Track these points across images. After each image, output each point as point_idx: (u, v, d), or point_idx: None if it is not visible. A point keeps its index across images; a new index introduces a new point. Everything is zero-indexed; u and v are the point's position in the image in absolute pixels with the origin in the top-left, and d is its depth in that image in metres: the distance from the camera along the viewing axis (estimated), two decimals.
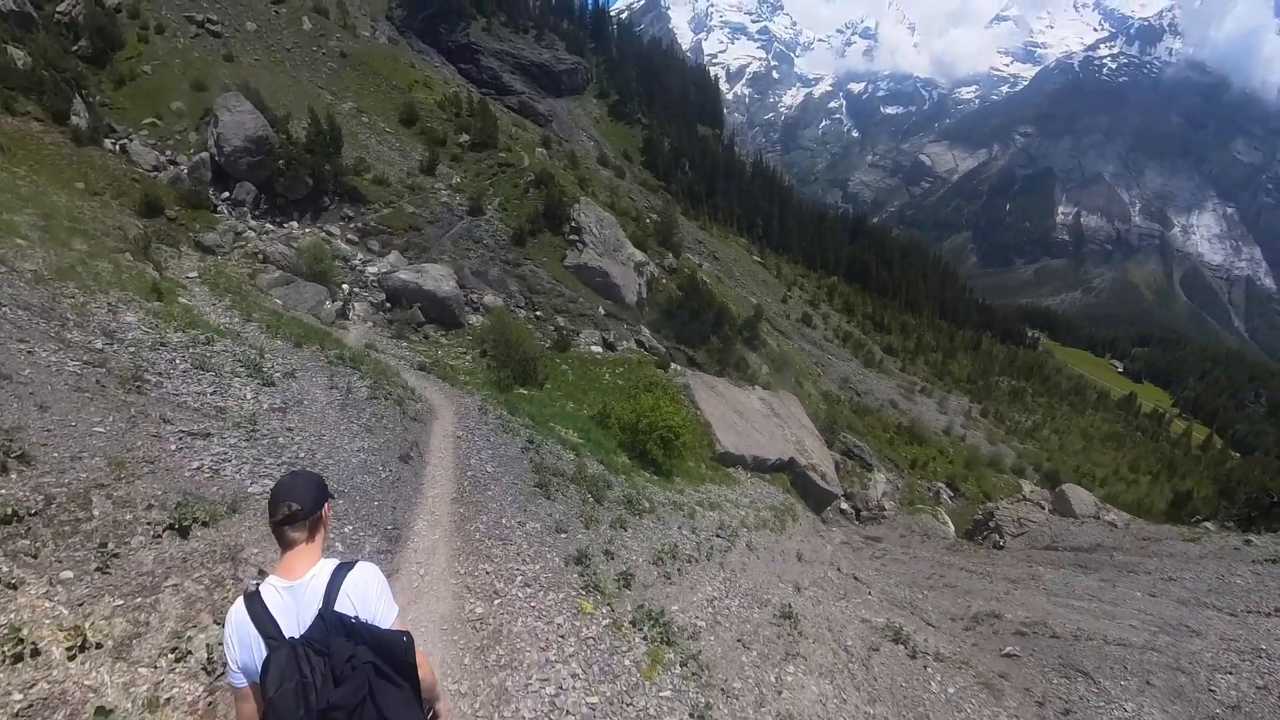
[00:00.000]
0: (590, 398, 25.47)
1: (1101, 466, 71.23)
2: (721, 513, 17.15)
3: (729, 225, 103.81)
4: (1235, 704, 11.29)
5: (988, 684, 11.07)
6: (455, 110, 54.50)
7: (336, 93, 50.01)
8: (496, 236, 38.66)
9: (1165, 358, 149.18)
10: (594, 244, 41.95)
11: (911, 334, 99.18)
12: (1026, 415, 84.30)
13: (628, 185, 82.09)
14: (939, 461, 55.34)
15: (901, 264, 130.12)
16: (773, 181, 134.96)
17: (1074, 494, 34.73)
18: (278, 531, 2.93)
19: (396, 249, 35.11)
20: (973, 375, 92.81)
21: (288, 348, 14.66)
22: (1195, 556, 21.84)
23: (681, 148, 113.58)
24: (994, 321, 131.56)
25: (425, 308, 30.38)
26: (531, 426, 15.87)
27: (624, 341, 35.87)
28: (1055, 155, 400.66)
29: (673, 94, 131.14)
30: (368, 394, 13.45)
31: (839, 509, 34.44)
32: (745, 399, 32.47)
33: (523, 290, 36.31)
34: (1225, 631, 15.10)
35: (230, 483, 7.69)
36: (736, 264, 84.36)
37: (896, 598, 17.09)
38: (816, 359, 68.64)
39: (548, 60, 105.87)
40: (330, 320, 25.22)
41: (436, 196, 39.93)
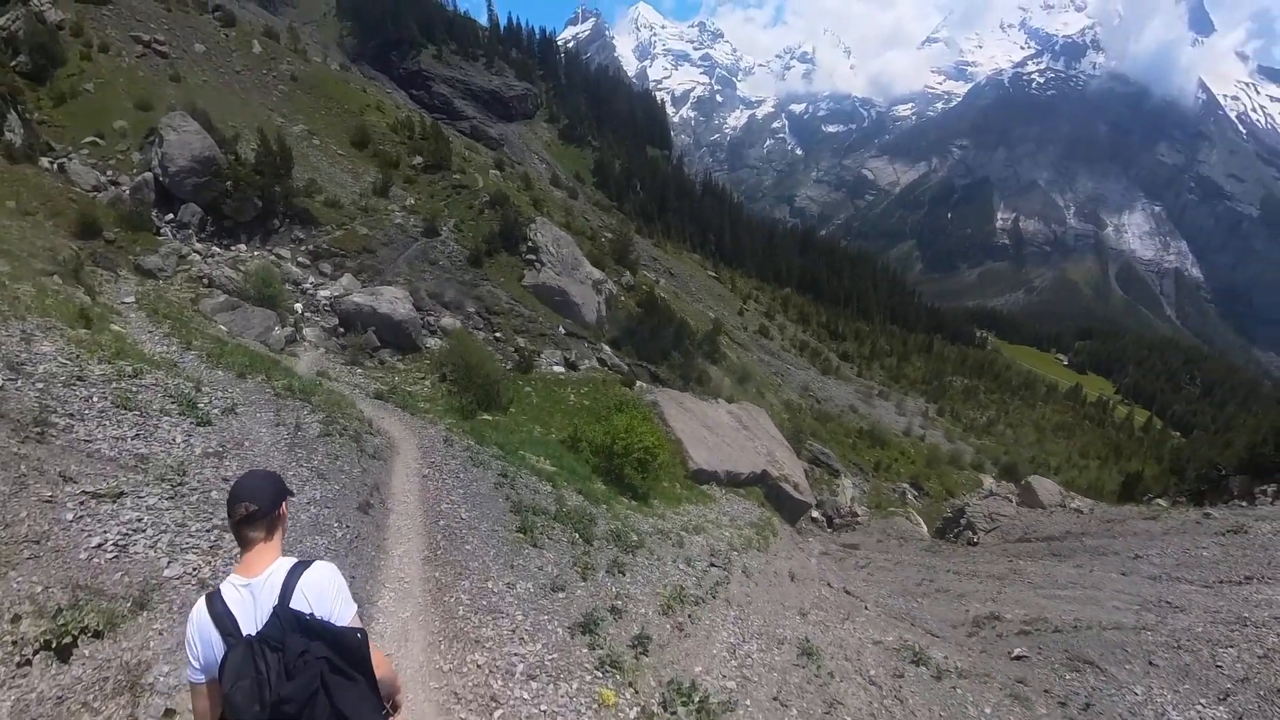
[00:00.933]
0: (557, 420, 24.19)
1: (1055, 455, 72.26)
2: (707, 536, 16.04)
3: (682, 242, 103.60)
4: (1244, 677, 11.18)
5: (1016, 695, 10.76)
6: (408, 133, 53.02)
7: (287, 115, 48.28)
8: (453, 257, 37.21)
9: (1106, 349, 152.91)
10: (552, 263, 40.97)
11: (866, 340, 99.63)
12: (981, 412, 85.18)
13: (581, 205, 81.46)
14: (901, 462, 55.40)
15: (851, 274, 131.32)
16: (722, 199, 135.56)
17: (1040, 485, 34.62)
18: (236, 531, 2.95)
19: (350, 272, 33.48)
20: (927, 376, 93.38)
21: (230, 379, 12.98)
22: (1159, 534, 22.74)
23: (632, 168, 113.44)
24: (943, 324, 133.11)
25: (380, 332, 28.70)
26: (502, 457, 14.31)
27: (586, 360, 34.74)
28: (991, 165, 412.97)
29: (621, 117, 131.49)
30: (320, 430, 11.84)
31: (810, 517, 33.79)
32: (714, 413, 31.50)
33: (481, 311, 34.90)
34: (1206, 604, 15.44)
35: (140, 564, 5.97)
36: (692, 279, 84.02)
37: (893, 609, 16.61)
38: (776, 369, 68.32)
39: (498, 86, 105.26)
40: (279, 347, 23.57)
41: (390, 218, 38.43)
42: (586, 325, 39.26)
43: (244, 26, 61.61)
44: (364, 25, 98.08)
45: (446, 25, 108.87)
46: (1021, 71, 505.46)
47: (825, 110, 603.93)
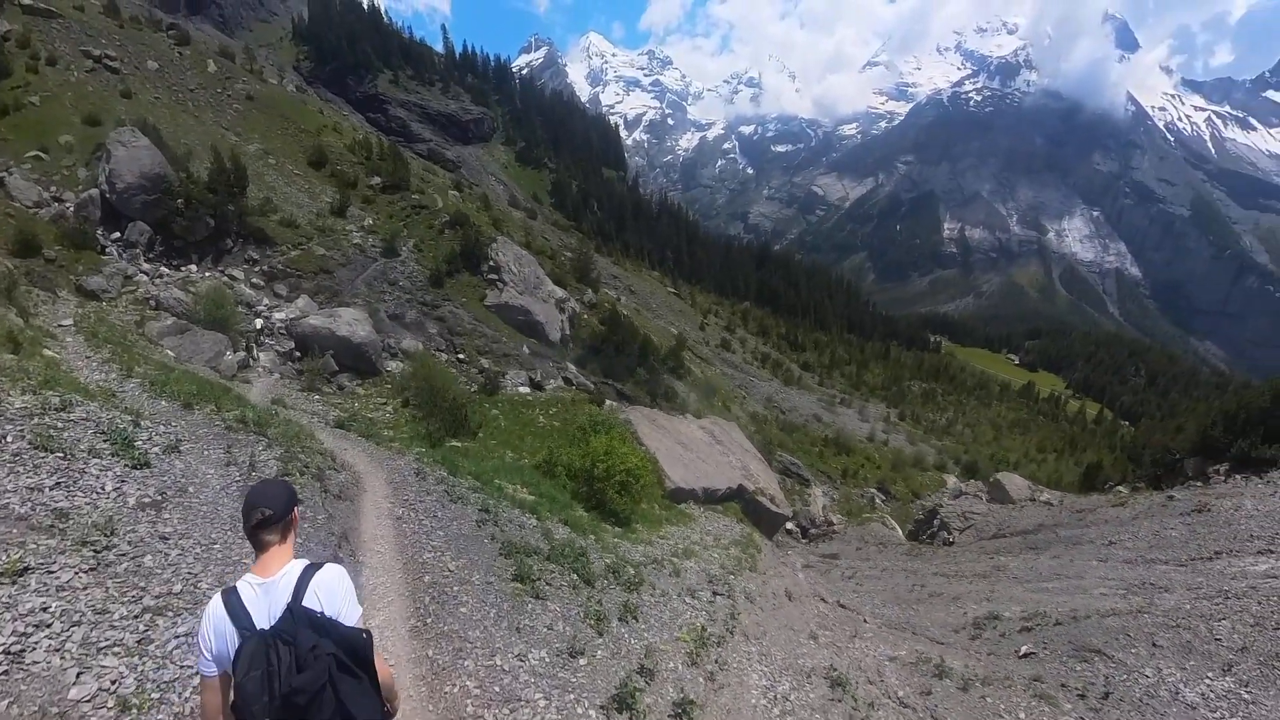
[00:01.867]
0: (528, 444, 22.87)
1: (1013, 451, 73.19)
2: (698, 560, 15.05)
3: (641, 260, 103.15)
4: (1242, 646, 11.46)
5: (1041, 695, 10.61)
6: (366, 153, 51.44)
7: (242, 134, 46.56)
8: (413, 278, 35.83)
9: (1054, 347, 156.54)
10: (514, 282, 39.98)
11: (825, 350, 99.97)
12: (940, 414, 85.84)
13: (540, 225, 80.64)
14: (868, 468, 55.45)
15: (807, 286, 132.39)
16: (678, 217, 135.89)
17: (1009, 481, 34.57)
18: (252, 536, 3.07)
19: (306, 293, 31.80)
20: (886, 382, 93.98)
21: (174, 410, 11.41)
22: (1128, 519, 23.27)
23: (589, 189, 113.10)
24: (898, 331, 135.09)
25: (339, 355, 27.15)
26: (479, 489, 12.87)
27: (552, 380, 33.60)
28: (936, 179, 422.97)
29: (577, 140, 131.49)
30: (278, 468, 10.25)
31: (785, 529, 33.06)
32: (687, 429, 30.56)
33: (443, 332, 33.53)
34: (1186, 582, 15.89)
35: (38, 679, 4.47)
36: (653, 296, 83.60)
37: (891, 620, 16.21)
38: (740, 382, 68.01)
39: (455, 110, 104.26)
40: (231, 373, 22.01)
41: (348, 238, 36.93)
42: (551, 344, 38.26)
43: (199, 45, 59.88)
44: (320, 50, 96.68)
45: (403, 51, 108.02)
46: (960, 91, 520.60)
47: (773, 131, 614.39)
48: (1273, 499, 20.89)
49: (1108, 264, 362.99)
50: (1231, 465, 26.08)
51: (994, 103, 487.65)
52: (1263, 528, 18.56)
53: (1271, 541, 17.47)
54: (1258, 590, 14.06)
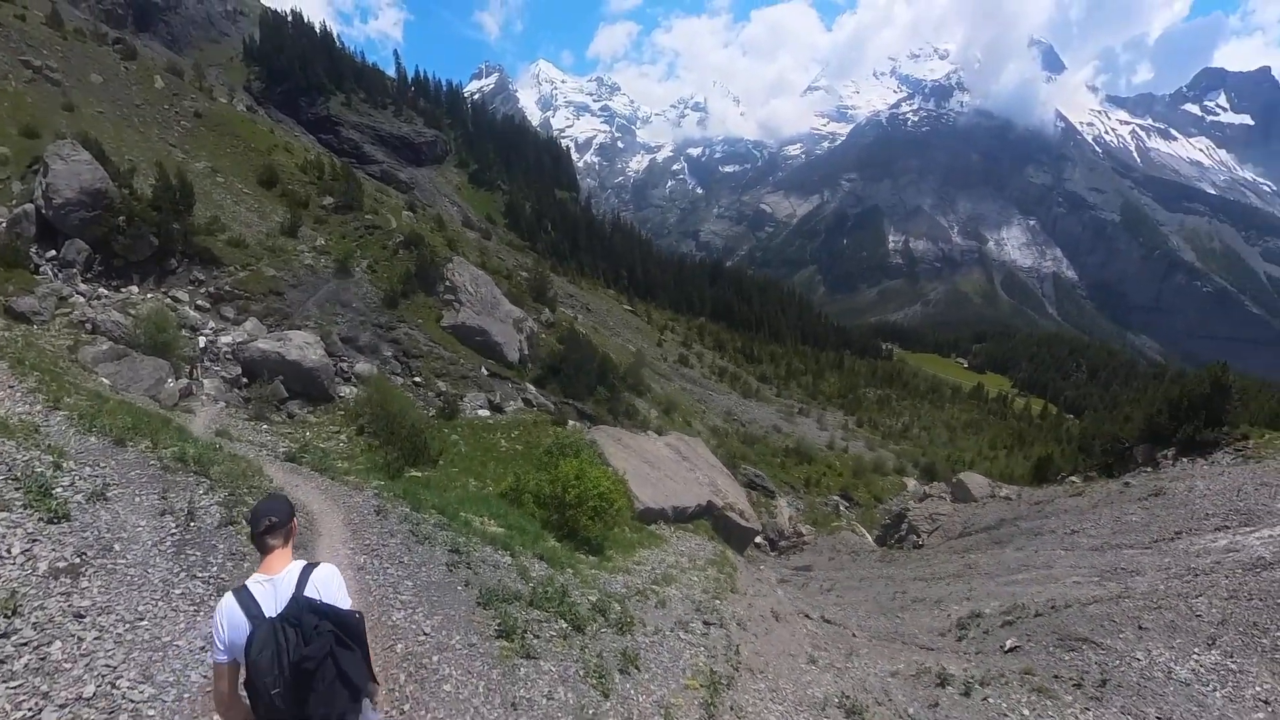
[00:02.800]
0: (491, 470, 21.62)
1: (967, 450, 73.71)
2: (679, 586, 14.19)
3: (596, 278, 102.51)
4: (1221, 619, 11.64)
5: (1040, 690, 10.46)
6: (318, 173, 49.82)
7: (190, 151, 44.60)
8: (367, 299, 34.31)
9: (999, 349, 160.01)
10: (470, 303, 38.89)
11: (781, 361, 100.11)
12: (895, 418, 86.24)
13: (495, 246, 79.47)
14: (830, 476, 55.37)
15: (760, 300, 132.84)
16: (632, 236, 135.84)
17: (970, 480, 34.61)
18: (259, 540, 3.55)
19: (255, 316, 29.98)
20: (842, 390, 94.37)
21: (105, 448, 9.87)
22: (1088, 508, 23.62)
23: (543, 210, 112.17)
24: (851, 340, 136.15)
25: (289, 381, 25.44)
26: (446, 525, 11.64)
27: (511, 401, 32.34)
28: (879, 194, 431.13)
29: (529, 162, 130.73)
30: (220, 516, 8.71)
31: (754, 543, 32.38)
32: (653, 447, 29.62)
33: (399, 355, 31.93)
34: (1154, 563, 16.17)
35: None
36: (609, 314, 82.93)
37: (879, 630, 15.79)
38: (699, 396, 67.53)
39: (408, 133, 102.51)
40: (173, 402, 20.36)
41: (300, 258, 35.28)
42: (510, 365, 37.19)
43: (146, 61, 57.89)
44: (272, 71, 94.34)
45: (355, 75, 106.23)
46: (897, 112, 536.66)
47: (721, 153, 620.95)
48: (1222, 478, 21.60)
49: (1045, 269, 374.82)
50: (1178, 449, 26.96)
51: (930, 123, 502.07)
52: (1216, 506, 19.18)
53: (1227, 518, 18.09)
54: (1223, 565, 14.45)
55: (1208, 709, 9.56)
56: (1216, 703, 9.71)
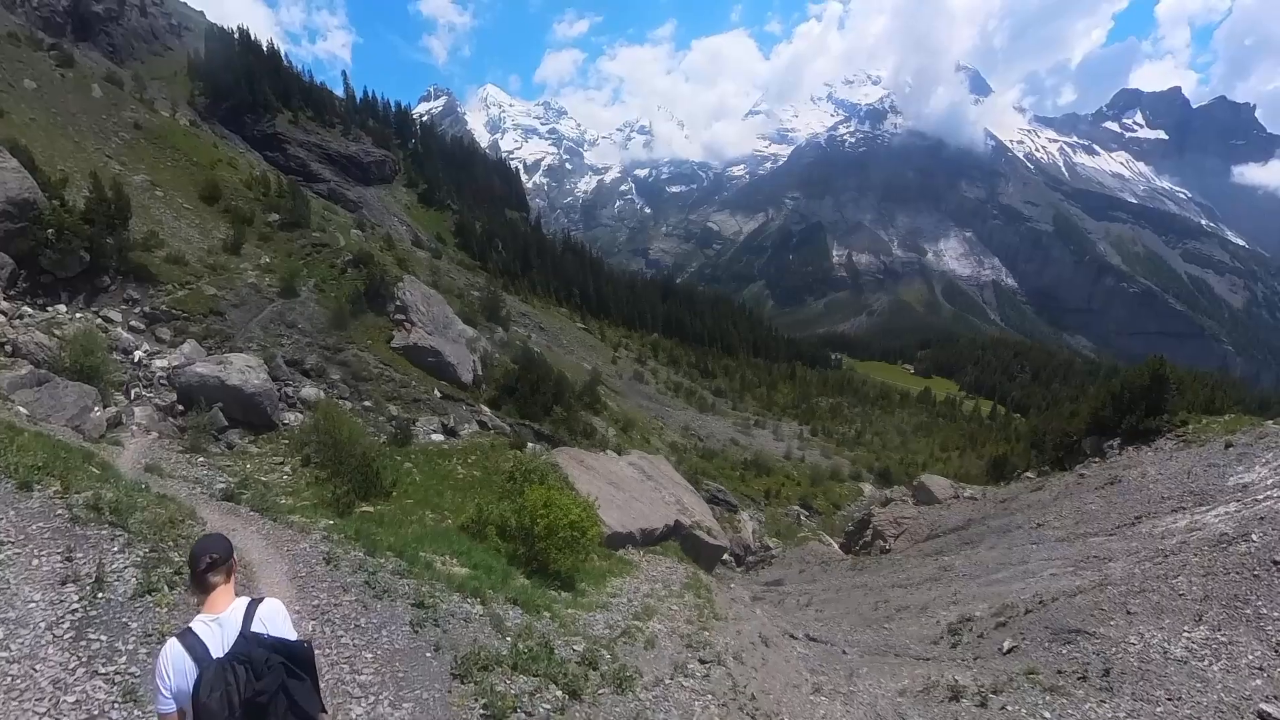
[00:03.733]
0: (449, 500, 20.03)
1: (920, 453, 74.66)
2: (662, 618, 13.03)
3: (549, 297, 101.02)
4: (1205, 596, 11.74)
5: (1051, 689, 10.20)
6: (263, 189, 47.39)
7: (128, 163, 41.89)
8: (314, 319, 32.20)
9: (944, 354, 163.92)
10: (423, 322, 37.33)
11: (735, 375, 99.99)
12: (849, 426, 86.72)
13: (446, 265, 77.34)
14: (788, 486, 55.32)
15: (712, 315, 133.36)
16: (583, 254, 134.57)
17: (932, 482, 34.32)
18: (201, 579, 3.40)
19: (193, 338, 27.59)
20: (796, 401, 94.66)
21: (4, 494, 8.31)
22: (1049, 501, 24.07)
23: (494, 229, 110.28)
24: (801, 352, 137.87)
25: (229, 408, 23.29)
26: (406, 571, 10.02)
27: (467, 425, 30.53)
28: (822, 211, 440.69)
29: (479, 183, 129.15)
30: (136, 584, 7.12)
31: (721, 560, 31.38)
32: (617, 468, 28.26)
33: (347, 378, 29.81)
34: (1123, 549, 16.33)
35: None
36: (563, 332, 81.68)
37: (870, 645, 15.07)
38: (656, 413, 66.67)
39: (356, 152, 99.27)
40: (98, 433, 18.19)
41: (243, 277, 33.08)
42: (464, 386, 35.68)
43: (84, 69, 54.96)
44: (217, 87, 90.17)
45: (303, 93, 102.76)
46: (835, 134, 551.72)
47: (667, 174, 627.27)
48: (1170, 463, 22.39)
49: (984, 277, 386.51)
50: (1123, 439, 28.03)
51: (867, 143, 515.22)
52: (1170, 489, 19.77)
53: (1182, 500, 18.59)
54: (1189, 544, 14.62)
55: (1209, 683, 9.53)
56: (1216, 675, 9.71)
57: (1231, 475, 18.82)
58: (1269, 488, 16.58)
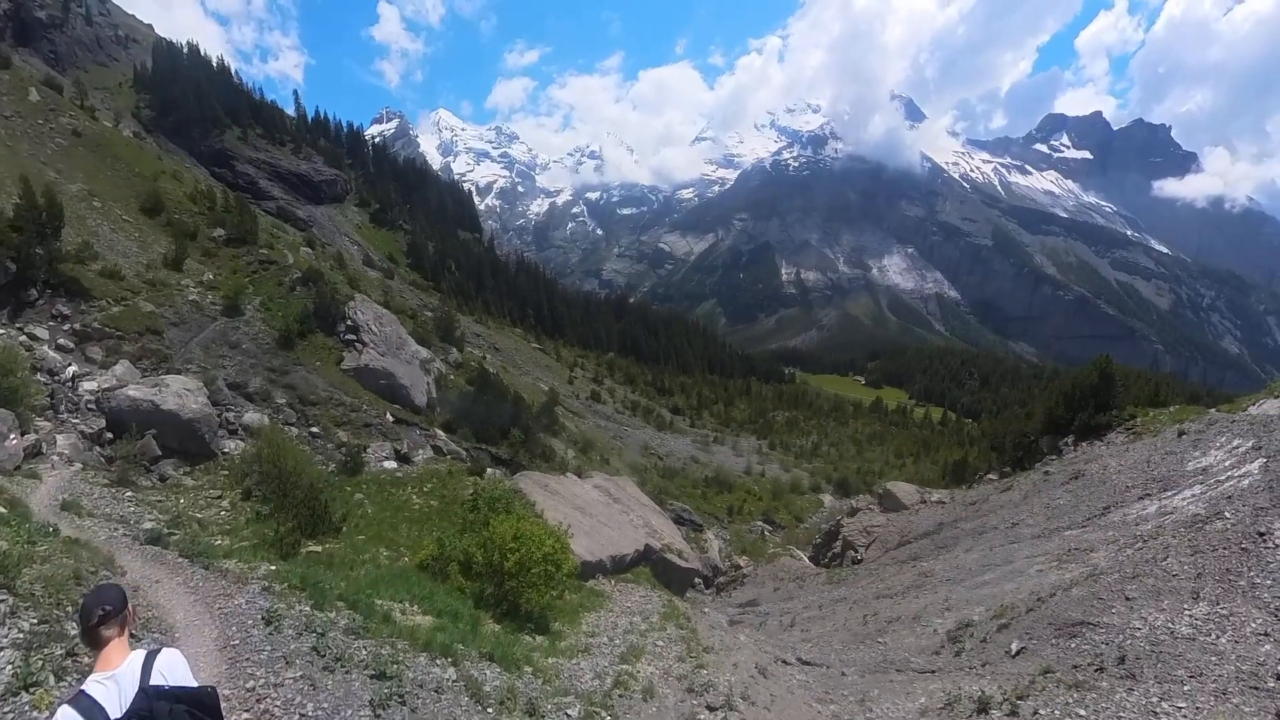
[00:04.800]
0: (405, 534, 18.32)
1: (875, 462, 74.45)
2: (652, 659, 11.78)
3: (503, 317, 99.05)
4: (1198, 574, 11.66)
5: (1076, 685, 9.73)
6: (209, 204, 44.91)
7: (64, 171, 39.40)
8: (259, 340, 30.14)
9: (894, 365, 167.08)
10: (374, 343, 35.51)
11: (691, 392, 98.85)
12: (805, 438, 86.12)
13: (398, 285, 75.11)
14: (750, 501, 54.46)
15: (666, 333, 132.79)
16: (536, 275, 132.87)
17: (899, 489, 33.64)
18: (94, 633, 3.14)
19: (127, 358, 25.32)
20: (753, 416, 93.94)
21: None
22: (1019, 500, 24.13)
23: (446, 250, 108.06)
24: (755, 367, 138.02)
25: (163, 435, 21.25)
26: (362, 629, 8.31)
27: (421, 450, 28.76)
28: (769, 232, 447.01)
29: (431, 204, 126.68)
30: (12, 676, 5.37)
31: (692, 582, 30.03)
32: (582, 492, 26.89)
33: (293, 402, 27.75)
34: (1101, 538, 16.21)
35: None
36: (518, 352, 79.82)
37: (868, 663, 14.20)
38: (614, 433, 65.24)
39: (307, 171, 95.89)
40: (13, 465, 16.14)
41: (184, 294, 30.90)
42: (417, 409, 33.90)
43: (21, 71, 51.77)
44: (163, 100, 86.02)
45: (253, 110, 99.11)
46: (779, 158, 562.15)
47: (618, 196, 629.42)
48: (1127, 454, 22.84)
49: (928, 290, 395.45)
50: (1077, 435, 28.80)
51: (810, 167, 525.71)
52: (1133, 478, 20.03)
53: (1146, 487, 18.82)
54: (1164, 528, 14.69)
55: (1223, 655, 9.42)
56: (1226, 647, 9.61)
57: (1190, 460, 19.16)
58: (1227, 469, 16.84)
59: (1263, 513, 12.74)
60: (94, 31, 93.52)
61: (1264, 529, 12.05)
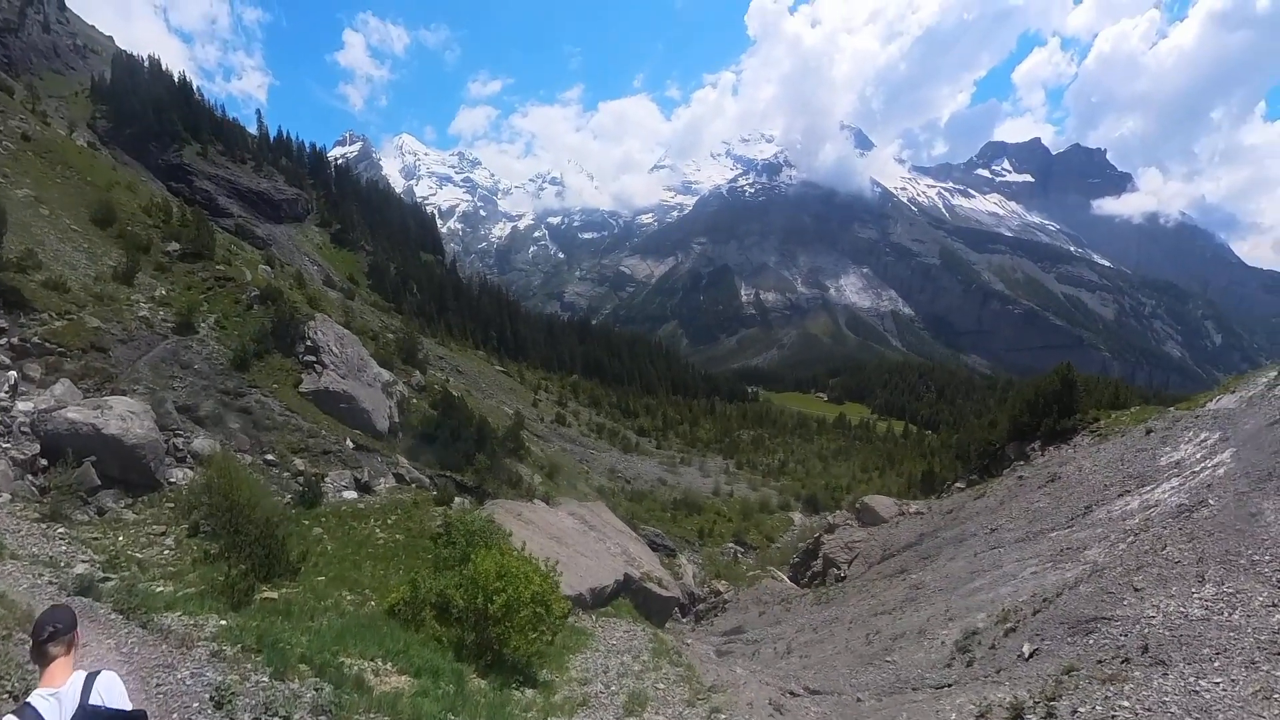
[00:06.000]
0: (369, 573, 16.60)
1: (842, 477, 73.78)
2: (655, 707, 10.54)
3: (465, 340, 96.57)
4: (1199, 558, 11.76)
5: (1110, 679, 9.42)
6: (164, 216, 42.46)
7: (10, 175, 36.94)
8: (212, 360, 28.12)
9: (854, 381, 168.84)
10: (335, 365, 33.70)
11: (656, 413, 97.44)
12: (771, 456, 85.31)
13: (359, 306, 72.67)
14: (720, 522, 53.53)
15: (630, 354, 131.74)
16: (499, 297, 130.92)
17: (876, 503, 32.81)
18: (41, 650, 3.26)
19: (69, 376, 22.97)
20: (718, 435, 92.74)
21: None
22: (996, 506, 24.11)
23: (408, 272, 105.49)
24: (719, 387, 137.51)
25: (104, 462, 19.14)
26: (331, 704, 6.82)
27: (382, 479, 27.08)
28: (728, 254, 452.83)
29: (394, 226, 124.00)
30: None
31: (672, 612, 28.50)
32: (557, 520, 25.43)
33: (247, 427, 25.73)
34: (1091, 535, 16.22)
35: None
36: (481, 375, 77.68)
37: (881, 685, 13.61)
38: (580, 456, 63.62)
39: (267, 189, 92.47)
40: None
41: (133, 309, 28.73)
42: (379, 435, 32.10)
43: None
44: (121, 112, 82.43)
45: (214, 127, 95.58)
46: (736, 185, 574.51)
47: (579, 221, 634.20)
48: (1099, 454, 23.11)
49: (883, 307, 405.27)
50: (1043, 440, 29.13)
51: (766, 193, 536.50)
52: (1109, 477, 20.25)
53: (1124, 484, 18.98)
54: (1152, 520, 14.85)
55: (1239, 629, 9.49)
56: (1241, 622, 9.70)
57: (1162, 455, 19.47)
58: (1200, 460, 17.14)
59: (1246, 496, 13.08)
60: (51, 39, 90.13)
61: (1254, 510, 12.37)
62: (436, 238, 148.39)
